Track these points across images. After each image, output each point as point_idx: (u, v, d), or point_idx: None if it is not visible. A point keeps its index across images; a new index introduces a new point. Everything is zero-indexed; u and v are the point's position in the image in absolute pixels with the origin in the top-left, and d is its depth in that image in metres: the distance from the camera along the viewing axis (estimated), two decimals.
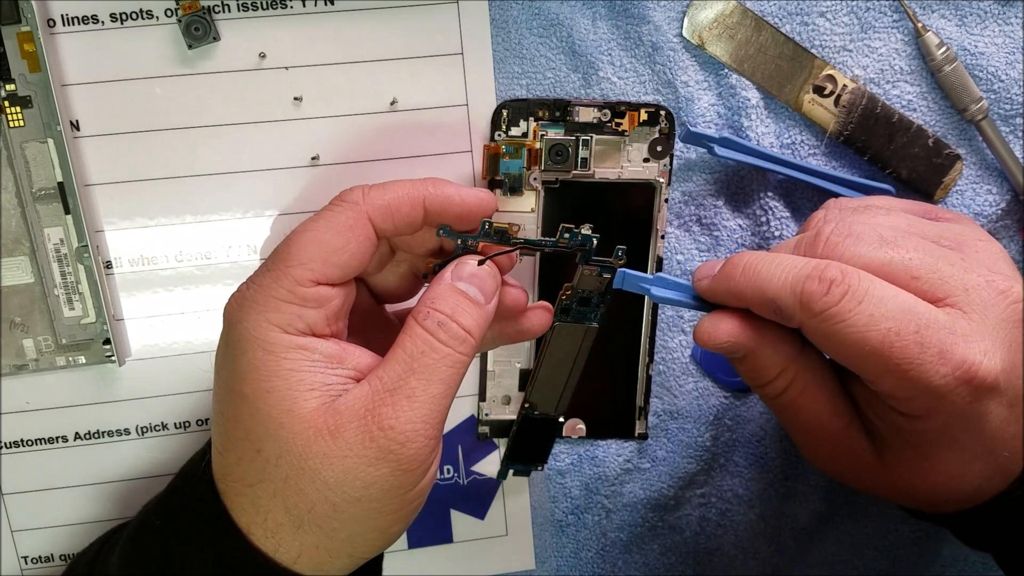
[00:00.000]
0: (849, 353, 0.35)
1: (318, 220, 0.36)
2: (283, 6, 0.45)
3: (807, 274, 0.35)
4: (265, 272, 0.36)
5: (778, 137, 0.48)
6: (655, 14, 0.47)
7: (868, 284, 0.34)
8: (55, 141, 0.44)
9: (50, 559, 0.48)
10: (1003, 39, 0.48)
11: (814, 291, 0.34)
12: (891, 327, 0.33)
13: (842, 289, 0.34)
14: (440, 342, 0.36)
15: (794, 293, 0.35)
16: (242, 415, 0.35)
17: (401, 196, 0.37)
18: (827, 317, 0.34)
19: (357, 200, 0.37)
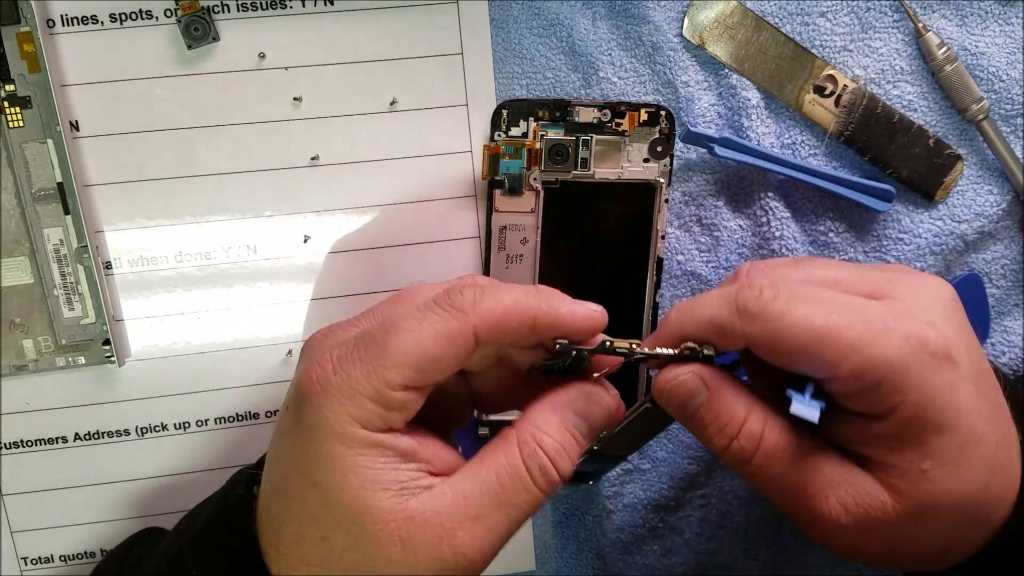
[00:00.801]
0: (797, 348, 0.34)
1: (422, 322, 0.34)
2: (283, 6, 0.45)
3: (736, 289, 0.35)
4: (355, 362, 0.34)
5: (778, 137, 0.48)
6: (655, 14, 0.47)
7: (796, 285, 0.35)
8: (55, 141, 0.44)
9: (50, 560, 0.48)
10: (1004, 39, 0.48)
11: (747, 297, 0.34)
12: (831, 312, 0.33)
13: (773, 290, 0.34)
14: (536, 486, 0.35)
15: (729, 306, 0.35)
16: (310, 500, 0.34)
17: (511, 312, 0.35)
18: (767, 316, 0.34)
19: (466, 310, 0.34)
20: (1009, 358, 0.51)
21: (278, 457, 0.36)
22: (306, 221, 0.47)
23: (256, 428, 0.49)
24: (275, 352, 0.48)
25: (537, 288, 0.36)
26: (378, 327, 0.35)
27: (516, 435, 0.35)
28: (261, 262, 0.47)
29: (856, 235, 0.49)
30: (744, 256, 0.49)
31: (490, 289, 0.35)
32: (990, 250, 0.50)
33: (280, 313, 0.48)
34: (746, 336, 0.34)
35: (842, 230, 0.49)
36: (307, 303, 0.48)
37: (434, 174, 0.47)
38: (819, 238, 0.49)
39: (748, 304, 0.34)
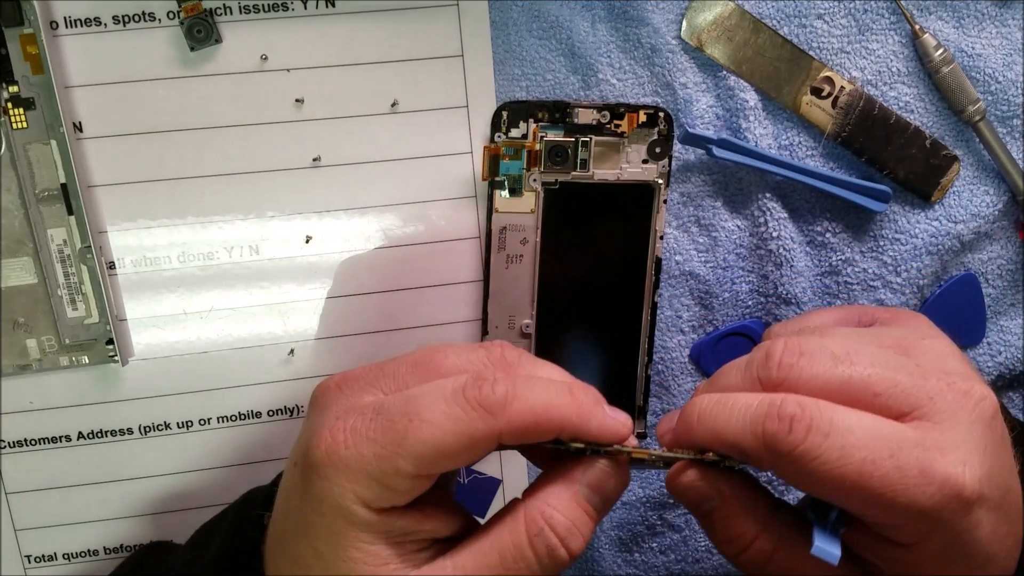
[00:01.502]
0: (827, 489, 0.33)
1: (447, 418, 0.32)
2: (285, 8, 0.45)
3: (764, 413, 0.33)
4: (369, 442, 0.33)
5: (776, 138, 0.48)
6: (654, 16, 0.47)
7: (831, 414, 0.32)
8: (58, 142, 0.44)
9: (53, 558, 0.49)
10: (1000, 41, 0.48)
11: (776, 431, 0.32)
12: (865, 456, 0.32)
13: (804, 424, 0.32)
14: (541, 567, 0.33)
15: (756, 436, 0.33)
16: (313, 567, 0.34)
17: (541, 420, 0.33)
18: (796, 458, 0.32)
19: (495, 411, 0.32)
20: (1005, 357, 0.51)
21: (284, 511, 0.36)
22: (308, 222, 0.47)
23: (258, 427, 0.49)
24: (277, 352, 0.48)
25: (572, 391, 0.34)
26: (399, 409, 0.33)
27: (524, 512, 0.34)
28: (263, 262, 0.48)
29: (853, 235, 0.50)
30: (742, 256, 0.50)
31: (523, 387, 0.33)
32: (986, 250, 0.50)
33: (282, 313, 0.48)
34: (772, 467, 0.33)
35: (839, 230, 0.49)
36: (309, 303, 0.48)
37: (435, 175, 0.48)
38: (816, 238, 0.50)
39: (776, 442, 0.32)
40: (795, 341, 0.35)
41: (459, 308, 0.49)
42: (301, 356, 0.49)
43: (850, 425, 0.32)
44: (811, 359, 0.34)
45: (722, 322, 0.51)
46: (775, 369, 0.34)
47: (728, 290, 0.50)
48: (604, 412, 0.35)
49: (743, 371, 0.35)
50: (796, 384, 0.34)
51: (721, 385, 0.36)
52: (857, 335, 0.38)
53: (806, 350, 0.35)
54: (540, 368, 0.36)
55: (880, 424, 0.33)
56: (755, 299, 0.50)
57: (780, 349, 0.35)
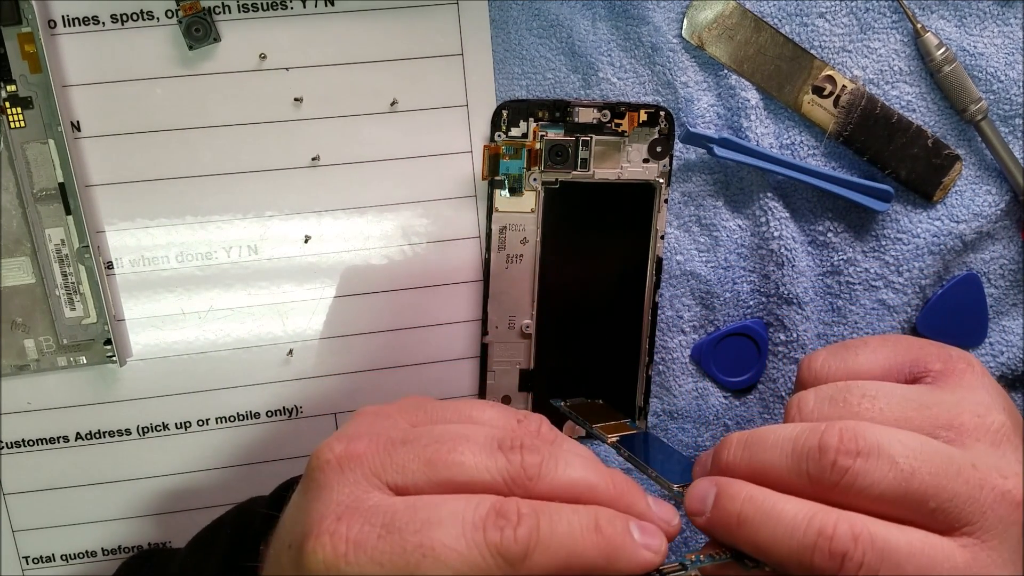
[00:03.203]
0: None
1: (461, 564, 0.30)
2: (284, 7, 0.45)
3: (814, 544, 0.31)
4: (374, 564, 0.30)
5: (777, 138, 0.48)
6: (655, 15, 0.47)
7: (883, 545, 0.31)
8: (56, 142, 0.44)
9: (51, 559, 0.49)
10: (1002, 40, 0.48)
11: (826, 567, 0.31)
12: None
13: (856, 563, 0.31)
14: None
15: (803, 567, 0.31)
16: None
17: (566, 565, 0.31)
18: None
19: (515, 562, 0.30)
20: (1007, 357, 0.51)
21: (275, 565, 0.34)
22: (307, 221, 0.47)
23: (257, 428, 0.49)
24: (276, 352, 0.48)
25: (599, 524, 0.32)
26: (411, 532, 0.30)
27: None
28: (262, 262, 0.47)
29: (855, 235, 0.49)
30: (743, 255, 0.50)
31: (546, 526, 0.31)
32: (988, 250, 0.50)
33: (281, 313, 0.48)
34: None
35: (841, 230, 0.49)
36: (308, 303, 0.48)
37: (434, 174, 0.48)
38: (818, 238, 0.49)
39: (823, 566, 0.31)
40: (852, 432, 0.33)
41: (459, 308, 0.49)
42: (300, 356, 0.48)
43: (900, 559, 0.31)
44: (869, 463, 0.32)
45: (723, 322, 0.51)
46: (828, 471, 0.32)
47: (729, 290, 0.50)
48: (638, 541, 0.32)
49: (790, 457, 0.33)
50: (850, 492, 0.32)
51: (762, 462, 0.34)
52: (912, 408, 0.35)
53: (863, 448, 0.32)
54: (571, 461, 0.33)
55: (933, 551, 0.31)
56: (756, 299, 0.50)
57: (835, 442, 0.32)
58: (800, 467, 0.33)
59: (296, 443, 0.49)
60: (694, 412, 0.51)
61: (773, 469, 0.33)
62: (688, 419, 0.51)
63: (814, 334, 0.50)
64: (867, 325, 0.50)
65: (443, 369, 0.49)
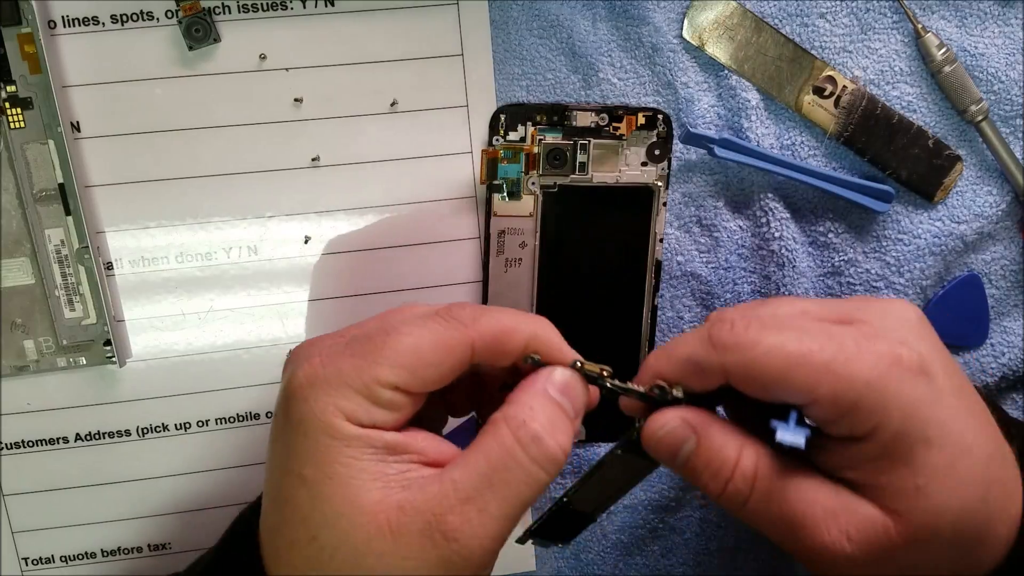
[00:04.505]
0: (774, 374, 0.33)
1: (422, 328, 0.34)
2: (284, 7, 0.45)
3: (709, 326, 0.35)
4: (346, 356, 0.34)
5: (778, 138, 0.48)
6: (655, 15, 0.47)
7: (766, 317, 0.35)
8: (56, 142, 0.44)
9: (51, 560, 0.49)
10: (1003, 40, 0.48)
11: (720, 330, 0.34)
12: (802, 338, 0.33)
13: (746, 322, 0.34)
14: (530, 458, 0.34)
15: (703, 342, 0.34)
16: (299, 499, 0.33)
17: (509, 330, 0.35)
18: (741, 346, 0.33)
19: (466, 322, 0.35)
20: (1008, 359, 0.51)
21: (270, 466, 0.36)
22: (307, 222, 0.47)
23: (257, 428, 0.49)
24: (276, 352, 0.48)
25: (530, 315, 0.37)
26: (375, 329, 0.35)
27: (502, 418, 0.35)
28: (262, 263, 0.47)
29: (855, 236, 0.49)
30: (744, 256, 0.50)
31: (488, 309, 0.36)
32: (989, 251, 0.50)
33: (281, 314, 0.48)
34: (724, 367, 0.34)
35: (841, 231, 0.49)
36: (308, 304, 0.48)
37: (434, 175, 0.48)
38: (819, 239, 0.49)
39: (722, 337, 0.34)
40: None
41: None
42: None
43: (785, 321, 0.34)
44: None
45: None
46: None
47: (730, 291, 0.50)
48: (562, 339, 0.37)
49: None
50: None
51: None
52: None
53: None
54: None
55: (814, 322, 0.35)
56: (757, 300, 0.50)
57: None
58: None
59: None
60: None
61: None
62: None
63: None
64: None
65: None
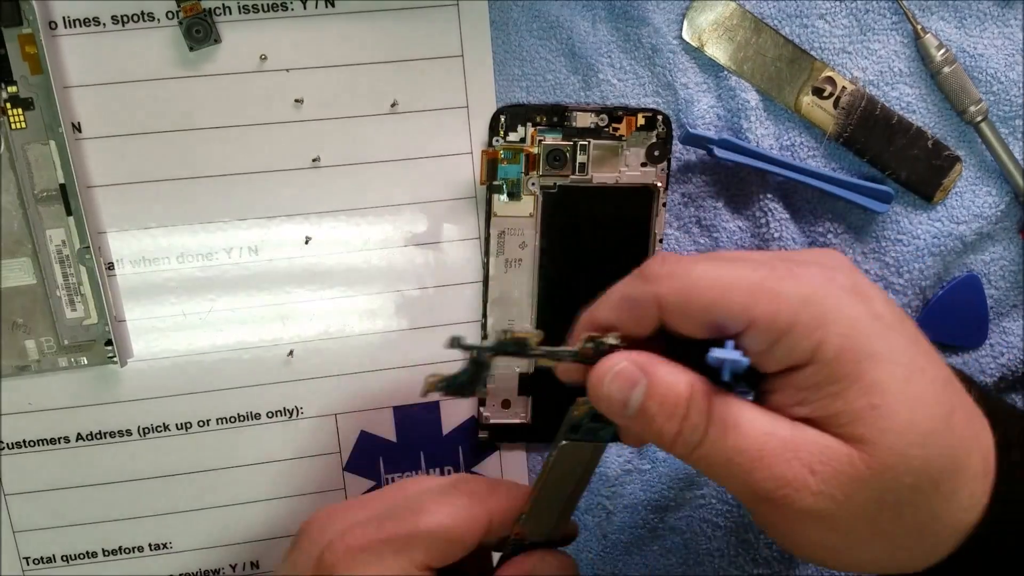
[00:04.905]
0: (708, 300, 0.32)
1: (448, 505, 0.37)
2: (284, 8, 0.45)
3: (640, 267, 0.35)
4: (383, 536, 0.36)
5: (777, 139, 0.48)
6: (655, 16, 0.47)
7: (701, 255, 0.35)
8: (57, 143, 0.44)
9: (52, 560, 0.49)
10: (1002, 41, 0.48)
11: (652, 263, 0.34)
12: (735, 265, 0.33)
13: (676, 257, 0.34)
14: None
15: (635, 278, 0.35)
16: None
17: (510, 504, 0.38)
18: (674, 274, 0.33)
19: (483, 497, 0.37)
20: (1008, 359, 0.51)
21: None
22: (307, 222, 0.47)
23: (257, 428, 0.49)
24: (276, 353, 0.48)
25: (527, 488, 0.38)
26: (403, 508, 0.36)
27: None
28: (263, 263, 0.48)
29: (855, 236, 0.49)
30: None
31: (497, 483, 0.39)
32: (988, 251, 0.50)
33: (282, 314, 0.48)
34: (657, 298, 0.33)
35: (841, 231, 0.49)
36: (308, 304, 0.48)
37: (434, 175, 0.48)
38: (818, 239, 0.49)
39: (653, 268, 0.34)
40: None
41: (459, 309, 0.49)
42: (300, 357, 0.48)
43: (718, 255, 0.35)
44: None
45: None
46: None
47: None
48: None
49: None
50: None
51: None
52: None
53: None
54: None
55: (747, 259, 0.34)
56: None
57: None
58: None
59: (296, 444, 0.49)
60: None
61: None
62: None
63: None
64: None
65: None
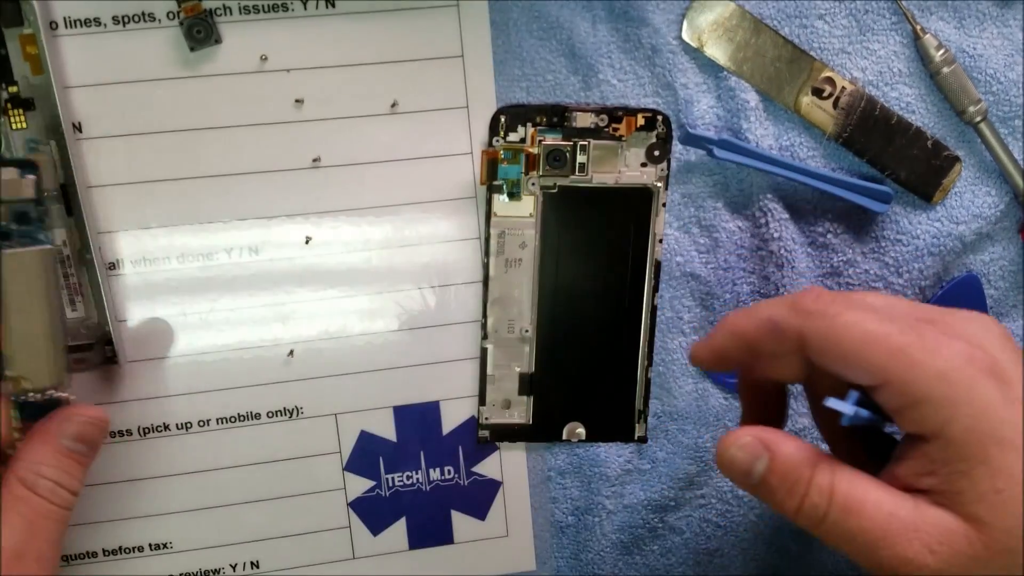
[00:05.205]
0: (850, 349, 0.34)
1: None
2: (284, 9, 0.45)
3: (795, 295, 0.36)
4: None
5: (777, 139, 0.48)
6: (654, 16, 0.47)
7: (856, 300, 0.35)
8: (57, 143, 0.44)
9: None
10: (1002, 41, 0.48)
11: (806, 297, 0.36)
12: (883, 321, 0.34)
13: (831, 296, 0.35)
14: (56, 506, 0.40)
15: (786, 304, 0.36)
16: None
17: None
18: (822, 314, 0.35)
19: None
20: None
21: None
22: (308, 222, 0.47)
23: (258, 428, 0.49)
24: (276, 353, 0.48)
25: None
26: None
27: (15, 476, 0.39)
28: (263, 263, 0.48)
29: (854, 236, 0.49)
30: (743, 257, 0.50)
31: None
32: (988, 251, 0.50)
33: (282, 314, 0.48)
34: (801, 332, 0.35)
35: (840, 231, 0.49)
36: (309, 304, 0.48)
37: (435, 176, 0.48)
38: (817, 239, 0.49)
39: (806, 303, 0.35)
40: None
41: (459, 310, 0.49)
42: (301, 357, 0.48)
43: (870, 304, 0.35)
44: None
45: None
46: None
47: (729, 291, 0.50)
48: None
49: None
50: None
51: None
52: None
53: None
54: None
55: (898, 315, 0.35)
56: (756, 300, 0.50)
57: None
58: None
59: (297, 444, 0.49)
60: (694, 413, 0.51)
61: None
62: (688, 420, 0.51)
63: None
64: None
65: (444, 369, 0.50)
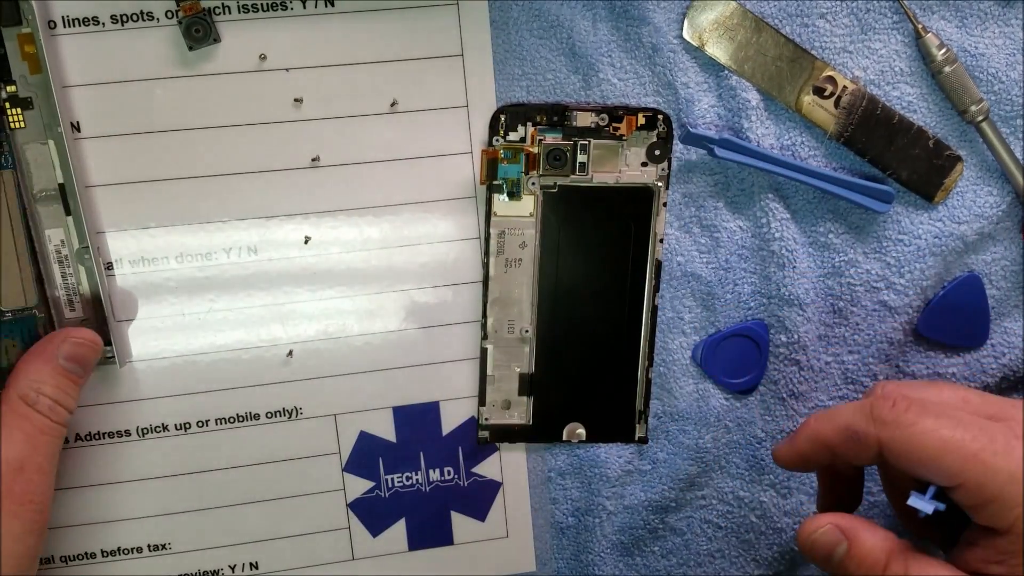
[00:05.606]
0: (926, 456, 0.37)
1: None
2: (284, 8, 0.45)
3: (872, 401, 0.38)
4: None
5: (778, 138, 0.48)
6: (655, 15, 0.47)
7: (927, 401, 0.38)
8: (56, 142, 0.44)
9: (50, 560, 0.48)
10: (1003, 40, 0.48)
11: (882, 407, 0.38)
12: (957, 426, 0.36)
13: (906, 403, 0.38)
14: (55, 423, 0.42)
15: (864, 415, 0.38)
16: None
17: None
18: (899, 424, 0.37)
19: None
20: (1009, 359, 0.51)
21: None
22: (307, 222, 0.47)
23: (257, 428, 0.49)
24: (276, 353, 0.48)
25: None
26: None
27: (16, 393, 0.42)
28: (262, 263, 0.47)
29: (856, 236, 0.49)
30: (744, 257, 0.50)
31: None
32: (990, 251, 0.50)
33: (281, 314, 0.48)
34: (880, 441, 0.38)
35: (842, 231, 0.49)
36: (308, 304, 0.48)
37: (434, 175, 0.48)
38: (819, 239, 0.49)
39: (882, 413, 0.38)
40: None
41: (459, 310, 0.49)
42: (300, 357, 0.48)
43: (944, 408, 0.38)
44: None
45: (724, 323, 0.50)
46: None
47: (730, 291, 0.50)
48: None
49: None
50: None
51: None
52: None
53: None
54: None
55: (970, 416, 0.38)
56: (757, 300, 0.50)
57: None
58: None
59: (296, 444, 0.49)
60: (695, 414, 0.51)
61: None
62: (689, 421, 0.51)
63: (815, 335, 0.50)
64: (868, 327, 0.50)
65: (443, 370, 0.49)
